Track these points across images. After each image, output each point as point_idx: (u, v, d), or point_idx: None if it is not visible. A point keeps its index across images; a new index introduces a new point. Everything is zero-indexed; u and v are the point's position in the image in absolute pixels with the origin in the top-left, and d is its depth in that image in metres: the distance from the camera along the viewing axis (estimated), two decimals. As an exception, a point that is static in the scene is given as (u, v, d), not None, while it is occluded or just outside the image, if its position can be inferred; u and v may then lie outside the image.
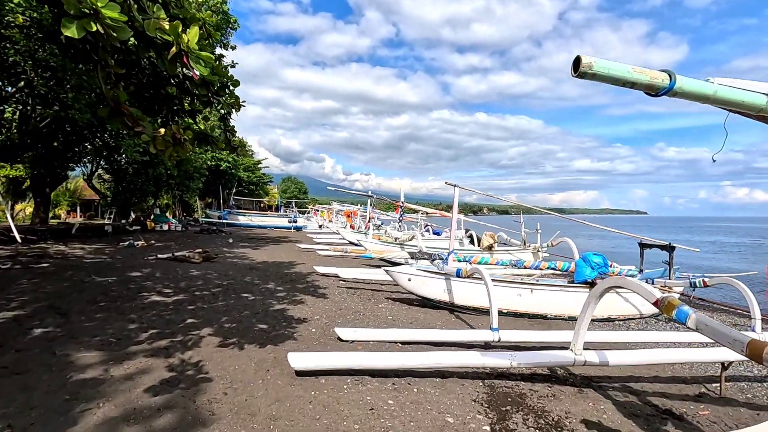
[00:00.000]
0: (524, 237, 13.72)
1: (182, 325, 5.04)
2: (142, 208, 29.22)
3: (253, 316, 5.73)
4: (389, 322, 5.99)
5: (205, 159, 31.93)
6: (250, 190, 48.04)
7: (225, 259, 11.65)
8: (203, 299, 6.54)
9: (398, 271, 7.19)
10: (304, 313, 6.07)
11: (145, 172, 19.75)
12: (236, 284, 8.04)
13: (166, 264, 9.98)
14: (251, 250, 14.83)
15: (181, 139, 3.99)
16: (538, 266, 7.92)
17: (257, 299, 6.83)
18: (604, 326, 7.14)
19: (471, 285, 7.00)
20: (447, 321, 6.50)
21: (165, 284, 7.53)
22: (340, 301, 7.10)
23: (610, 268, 7.38)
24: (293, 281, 8.75)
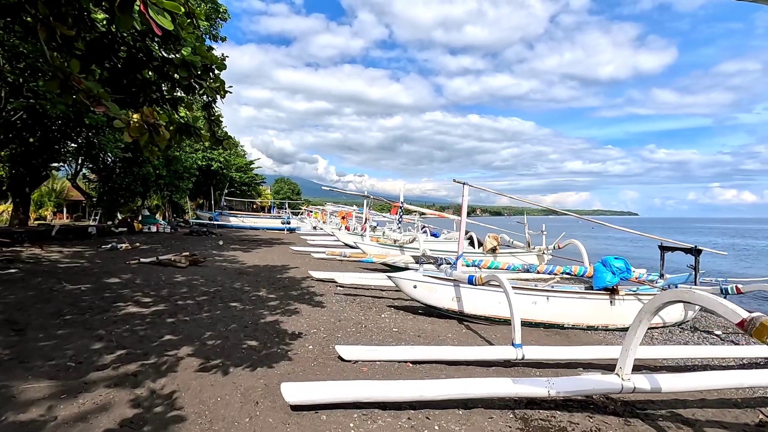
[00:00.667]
0: (528, 239, 13.15)
1: (158, 343, 4.34)
2: (132, 209, 28.28)
3: (242, 330, 5.05)
4: (395, 336, 5.35)
5: (196, 158, 31.06)
6: (243, 190, 47.08)
7: (213, 263, 10.92)
8: (186, 310, 5.84)
9: (402, 278, 6.55)
10: (299, 326, 5.40)
11: (131, 171, 18.89)
12: (224, 291, 7.34)
13: (149, 269, 9.25)
14: (242, 253, 14.10)
15: (156, 124, 3.34)
16: (552, 271, 7.32)
17: (247, 309, 6.15)
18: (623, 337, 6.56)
19: (482, 292, 6.39)
20: (457, 333, 5.87)
21: (145, 292, 6.81)
22: (338, 311, 6.44)
23: (633, 274, 6.80)
24: (287, 287, 8.07)
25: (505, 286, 4.68)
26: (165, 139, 3.48)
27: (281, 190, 75.89)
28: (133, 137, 3.22)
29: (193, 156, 30.57)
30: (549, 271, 7.36)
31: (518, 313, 4.51)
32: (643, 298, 6.79)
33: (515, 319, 4.46)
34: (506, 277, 4.90)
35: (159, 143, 3.48)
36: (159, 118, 3.29)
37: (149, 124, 3.24)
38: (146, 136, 3.27)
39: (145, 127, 3.24)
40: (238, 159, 43.90)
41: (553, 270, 7.36)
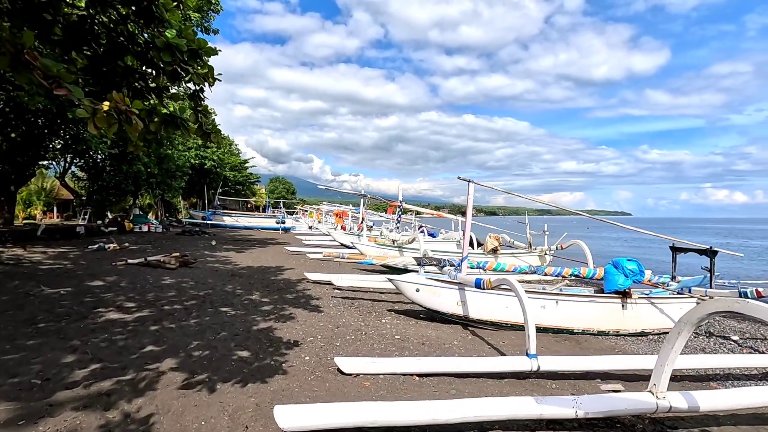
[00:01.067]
0: (529, 239, 12.83)
1: (138, 354, 3.94)
2: (123, 208, 27.69)
3: (232, 338, 4.65)
4: (397, 344, 4.97)
5: (189, 157, 30.52)
6: (237, 190, 46.47)
7: (205, 265, 10.49)
8: (172, 316, 5.43)
9: (404, 280, 6.18)
10: (294, 333, 5.01)
11: (120, 169, 18.35)
12: (215, 295, 6.93)
13: (136, 271, 8.80)
14: (235, 253, 13.67)
15: (128, 112, 2.95)
16: (560, 273, 6.99)
17: (238, 315, 5.74)
18: (640, 342, 6.25)
19: (489, 296, 6.04)
20: (463, 340, 5.51)
21: (129, 296, 6.39)
22: (336, 316, 6.06)
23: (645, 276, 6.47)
24: (281, 290, 7.67)
25: (519, 292, 4.32)
26: (137, 130, 3.09)
27: (276, 190, 75.21)
28: (100, 128, 2.83)
29: (186, 154, 30.04)
30: (557, 273, 7.02)
31: (533, 321, 4.15)
32: (657, 302, 6.47)
33: (530, 328, 4.11)
34: (517, 281, 4.54)
35: (131, 135, 3.09)
36: (132, 105, 2.90)
37: (119, 112, 2.85)
38: (115, 127, 2.89)
39: (114, 117, 2.85)
40: (232, 158, 43.31)
41: (561, 272, 7.02)
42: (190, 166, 30.03)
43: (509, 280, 4.47)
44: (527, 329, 4.13)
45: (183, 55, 4.06)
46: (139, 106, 2.93)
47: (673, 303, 6.55)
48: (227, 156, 40.23)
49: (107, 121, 2.81)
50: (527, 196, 7.18)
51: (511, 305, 6.17)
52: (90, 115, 2.71)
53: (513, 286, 4.41)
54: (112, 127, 2.85)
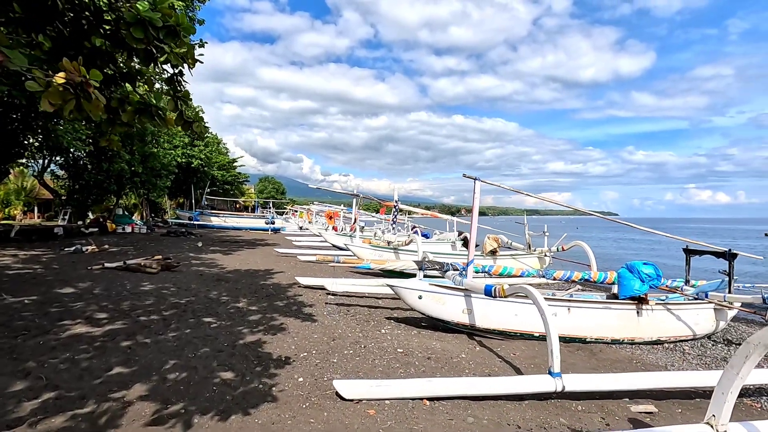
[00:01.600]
0: (528, 240, 12.43)
1: (102, 379, 3.37)
2: (107, 208, 26.75)
3: (215, 355, 4.10)
4: (401, 359, 4.47)
5: (175, 155, 29.64)
6: (225, 189, 45.53)
7: (189, 268, 9.86)
8: (148, 329, 4.85)
9: (405, 287, 5.68)
10: (285, 348, 4.48)
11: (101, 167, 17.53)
12: (198, 303, 6.35)
13: (113, 276, 8.16)
14: (222, 255, 13.03)
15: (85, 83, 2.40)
16: (570, 277, 6.56)
17: (223, 326, 5.19)
18: (656, 350, 5.84)
19: (497, 304, 5.58)
20: (471, 352, 5.03)
21: (101, 306, 5.78)
22: (331, 326, 5.53)
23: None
24: (271, 297, 7.11)
25: (539, 303, 3.85)
26: (98, 108, 2.54)
27: (265, 190, 74.16)
28: (54, 105, 2.30)
29: (172, 152, 29.16)
30: (566, 277, 6.59)
31: (556, 336, 3.69)
32: (673, 308, 6.07)
33: (553, 343, 3.64)
34: (537, 290, 4.07)
35: (92, 113, 2.55)
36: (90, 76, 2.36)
37: (74, 85, 2.30)
38: (72, 104, 2.35)
39: (70, 92, 2.31)
40: (220, 156, 42.37)
41: (571, 276, 6.59)
42: (176, 164, 29.15)
43: (529, 290, 4.00)
44: (550, 345, 3.66)
45: (157, 32, 3.49)
46: (97, 77, 2.38)
47: (690, 309, 6.16)
48: (215, 155, 39.33)
49: (62, 97, 2.28)
50: (538, 196, 6.74)
51: (520, 313, 5.72)
52: (43, 88, 2.19)
53: (533, 297, 3.93)
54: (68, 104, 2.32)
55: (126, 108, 4.22)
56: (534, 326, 5.76)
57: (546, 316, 3.76)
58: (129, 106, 4.25)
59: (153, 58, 3.74)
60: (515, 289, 4.35)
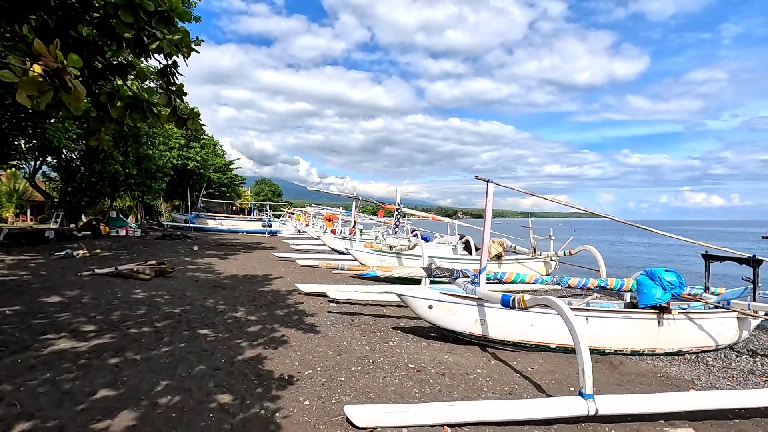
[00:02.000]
0: (533, 244, 12.12)
1: (85, 404, 3.01)
2: (102, 210, 26.25)
3: (211, 374, 3.74)
4: (413, 376, 4.13)
5: (170, 157, 29.20)
6: (221, 192, 45.08)
7: (184, 274, 9.48)
8: (138, 343, 4.48)
9: (415, 296, 5.35)
10: (288, 364, 4.12)
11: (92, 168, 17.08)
12: (193, 312, 5.99)
13: (104, 283, 7.76)
14: (219, 260, 12.64)
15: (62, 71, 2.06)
16: (586, 285, 6.24)
17: (220, 339, 4.83)
18: (678, 362, 5.53)
19: (511, 314, 5.26)
20: (486, 366, 4.70)
21: (89, 316, 5.40)
22: (336, 338, 5.18)
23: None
24: (270, 305, 6.75)
25: (567, 317, 3.52)
26: (79, 99, 2.19)
27: (262, 192, 73.70)
28: (31, 97, 1.97)
29: (167, 154, 28.72)
30: (582, 284, 6.28)
31: (588, 354, 3.36)
32: (695, 317, 5.77)
33: (585, 362, 3.31)
34: (563, 301, 3.74)
35: (72, 106, 2.20)
36: (68, 62, 2.02)
37: (50, 73, 1.96)
38: (49, 96, 2.01)
39: (47, 82, 1.97)
40: (216, 159, 41.95)
41: (587, 284, 6.28)
42: (171, 166, 28.72)
43: (555, 302, 3.67)
44: (582, 363, 3.33)
45: (149, 17, 3.15)
46: (76, 63, 2.03)
47: (712, 318, 5.86)
48: (211, 157, 38.91)
49: (38, 88, 1.94)
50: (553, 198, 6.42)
51: (536, 323, 5.40)
52: (17, 79, 1.86)
53: (560, 310, 3.60)
54: (45, 96, 1.98)
55: (116, 103, 3.87)
56: (550, 337, 5.44)
57: (576, 331, 3.43)
58: (119, 101, 3.89)
59: (144, 46, 3.40)
60: (538, 300, 4.02)
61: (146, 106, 3.84)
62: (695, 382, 4.87)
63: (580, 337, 3.40)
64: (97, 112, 4.12)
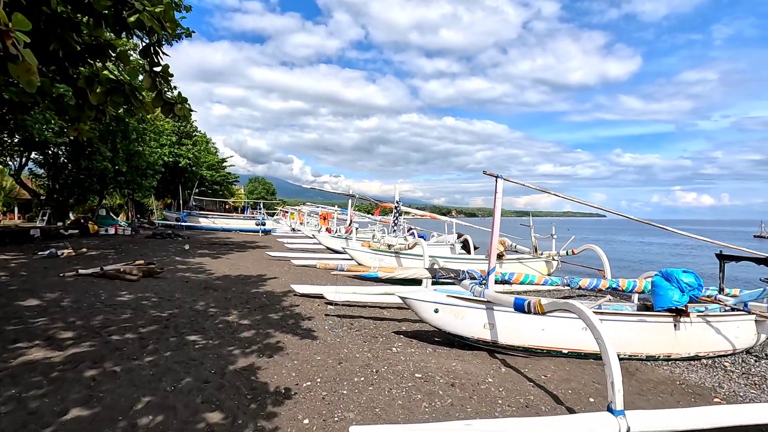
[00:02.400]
0: (534, 243, 11.84)
1: (52, 428, 2.63)
2: (91, 208, 25.65)
3: (199, 388, 3.38)
4: (421, 387, 3.80)
5: (162, 154, 28.60)
6: (214, 190, 44.45)
7: (174, 274, 9.07)
8: (120, 351, 4.10)
9: (420, 299, 5.01)
10: (285, 375, 3.77)
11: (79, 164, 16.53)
12: (182, 316, 5.61)
13: (88, 284, 7.34)
14: (211, 259, 12.23)
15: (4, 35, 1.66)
16: (597, 286, 5.96)
17: (210, 346, 4.46)
18: (695, 368, 5.26)
19: (521, 318, 4.94)
20: (497, 374, 4.39)
21: (68, 321, 5.01)
22: (335, 345, 4.83)
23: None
24: (264, 308, 6.39)
25: (593, 323, 3.21)
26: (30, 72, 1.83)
27: (255, 190, 72.98)
28: None
29: (158, 151, 28.12)
30: (593, 286, 5.99)
31: (617, 365, 3.05)
32: (713, 320, 5.49)
33: (615, 374, 3.00)
34: (586, 306, 3.42)
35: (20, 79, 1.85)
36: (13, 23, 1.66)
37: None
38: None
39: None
40: (209, 156, 41.32)
41: (598, 285, 6.00)
42: (163, 164, 28.12)
43: (578, 307, 3.35)
44: (611, 375, 3.02)
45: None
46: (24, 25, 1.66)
47: (729, 321, 5.59)
48: (204, 154, 38.29)
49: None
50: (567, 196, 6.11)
51: (548, 327, 5.09)
52: None
53: (584, 316, 3.29)
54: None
55: (95, 88, 3.48)
56: (562, 342, 5.14)
57: (603, 340, 3.12)
58: (99, 85, 3.51)
59: (123, 21, 3.02)
60: (558, 305, 3.70)
61: (128, 90, 3.45)
62: (717, 390, 4.59)
63: (608, 347, 3.09)
64: (76, 100, 3.73)
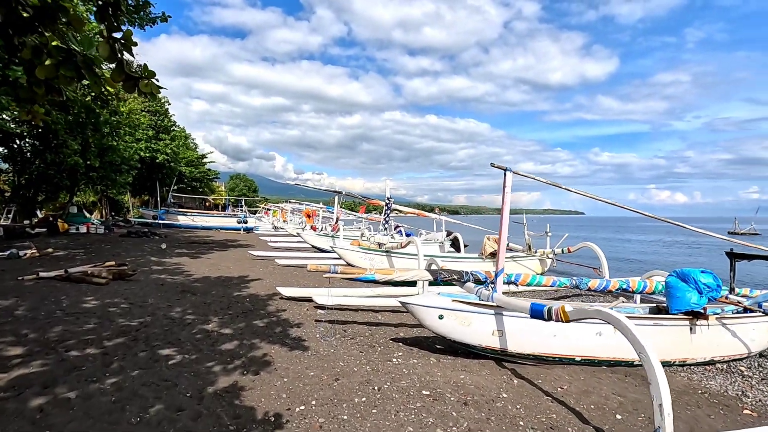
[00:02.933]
0: (528, 241, 11.53)
1: (-25, 485, 2.07)
2: (62, 205, 24.30)
3: (172, 418, 2.82)
4: (431, 407, 3.32)
5: (137, 149, 27.37)
6: (194, 186, 43.09)
7: (148, 276, 8.37)
8: (79, 371, 3.49)
9: (423, 305, 4.54)
10: (274, 397, 3.24)
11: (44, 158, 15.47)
12: (155, 325, 4.99)
13: (50, 288, 6.62)
14: (189, 259, 11.50)
15: None
16: (607, 287, 5.59)
17: (186, 362, 3.88)
18: (710, 373, 4.95)
19: (534, 323, 4.52)
20: (509, 387, 3.96)
21: (20, 335, 4.34)
22: (330, 356, 4.32)
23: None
24: (248, 314, 5.82)
25: (635, 336, 2.79)
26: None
27: (237, 187, 71.39)
28: None
29: (134, 146, 26.88)
30: (602, 287, 5.63)
31: (665, 384, 2.63)
32: (730, 322, 5.18)
33: (662, 393, 2.59)
34: (622, 315, 3.00)
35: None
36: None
37: None
38: None
39: None
40: (188, 152, 39.98)
41: (608, 286, 5.63)
42: (138, 159, 26.88)
43: (614, 317, 2.93)
44: (660, 398, 2.61)
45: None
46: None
47: (746, 323, 5.31)
48: (182, 150, 36.98)
49: None
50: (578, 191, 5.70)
51: (559, 333, 4.69)
52: None
53: (622, 327, 2.87)
54: None
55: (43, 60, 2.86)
56: (575, 349, 4.76)
57: (650, 355, 2.70)
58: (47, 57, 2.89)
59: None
60: (587, 313, 3.28)
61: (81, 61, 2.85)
62: (742, 400, 4.28)
63: (654, 364, 2.67)
64: (27, 78, 3.11)
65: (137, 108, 27.68)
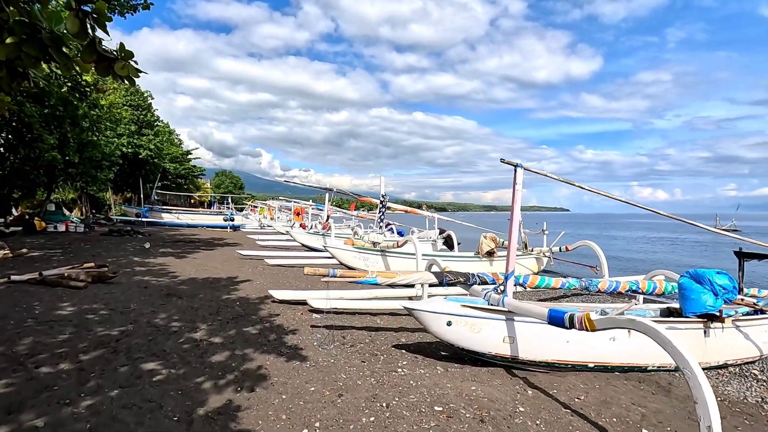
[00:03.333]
0: (525, 239, 11.33)
1: None
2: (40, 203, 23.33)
3: (156, 448, 2.47)
4: (445, 426, 3.01)
5: (119, 144, 26.47)
6: (178, 183, 42.10)
7: (131, 278, 7.89)
8: (50, 392, 3.09)
9: (429, 310, 4.23)
10: (272, 419, 2.90)
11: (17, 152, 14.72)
12: (137, 334, 4.59)
13: (21, 294, 6.12)
14: (174, 259, 11.00)
15: None
16: (617, 288, 5.38)
17: (173, 377, 3.51)
18: (724, 378, 4.77)
19: (546, 329, 4.26)
20: (524, 399, 3.69)
21: (-16, 347, 3.91)
22: (331, 367, 3.98)
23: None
24: (239, 320, 5.44)
25: (675, 348, 2.54)
26: None
27: (222, 184, 70.23)
28: None
29: (115, 141, 25.98)
30: (612, 289, 5.41)
31: (714, 402, 2.38)
32: (743, 325, 5.01)
33: (712, 416, 2.33)
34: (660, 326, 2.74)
35: None
36: None
37: None
38: None
39: None
40: (172, 148, 39.00)
41: (617, 287, 5.42)
42: (121, 155, 25.99)
43: (652, 327, 2.67)
44: (709, 419, 2.35)
45: None
46: None
47: (759, 325, 5.14)
48: (167, 145, 36.02)
49: None
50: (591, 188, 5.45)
51: (572, 339, 4.44)
52: None
53: (661, 339, 2.61)
54: None
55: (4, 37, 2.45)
56: (589, 355, 4.52)
57: (695, 372, 2.44)
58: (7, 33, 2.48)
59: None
60: (617, 322, 3.01)
61: (47, 38, 2.45)
62: (763, 407, 4.09)
63: (701, 381, 2.42)
64: None
65: (119, 102, 26.78)
